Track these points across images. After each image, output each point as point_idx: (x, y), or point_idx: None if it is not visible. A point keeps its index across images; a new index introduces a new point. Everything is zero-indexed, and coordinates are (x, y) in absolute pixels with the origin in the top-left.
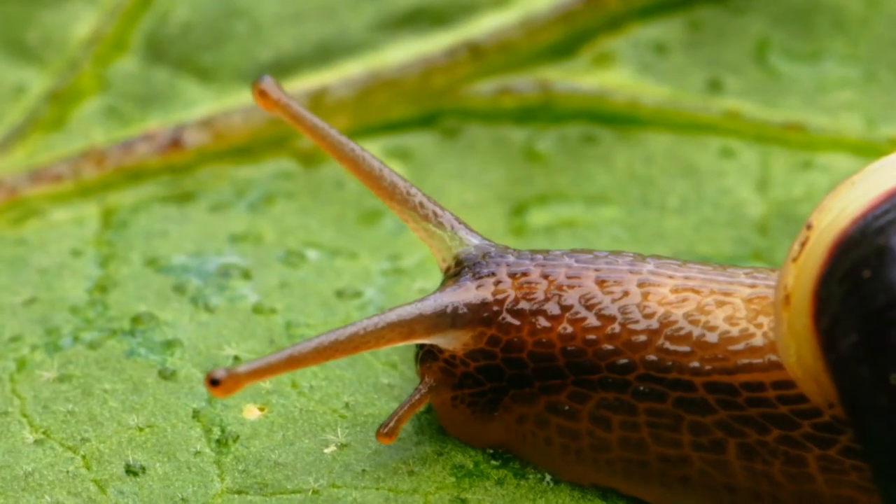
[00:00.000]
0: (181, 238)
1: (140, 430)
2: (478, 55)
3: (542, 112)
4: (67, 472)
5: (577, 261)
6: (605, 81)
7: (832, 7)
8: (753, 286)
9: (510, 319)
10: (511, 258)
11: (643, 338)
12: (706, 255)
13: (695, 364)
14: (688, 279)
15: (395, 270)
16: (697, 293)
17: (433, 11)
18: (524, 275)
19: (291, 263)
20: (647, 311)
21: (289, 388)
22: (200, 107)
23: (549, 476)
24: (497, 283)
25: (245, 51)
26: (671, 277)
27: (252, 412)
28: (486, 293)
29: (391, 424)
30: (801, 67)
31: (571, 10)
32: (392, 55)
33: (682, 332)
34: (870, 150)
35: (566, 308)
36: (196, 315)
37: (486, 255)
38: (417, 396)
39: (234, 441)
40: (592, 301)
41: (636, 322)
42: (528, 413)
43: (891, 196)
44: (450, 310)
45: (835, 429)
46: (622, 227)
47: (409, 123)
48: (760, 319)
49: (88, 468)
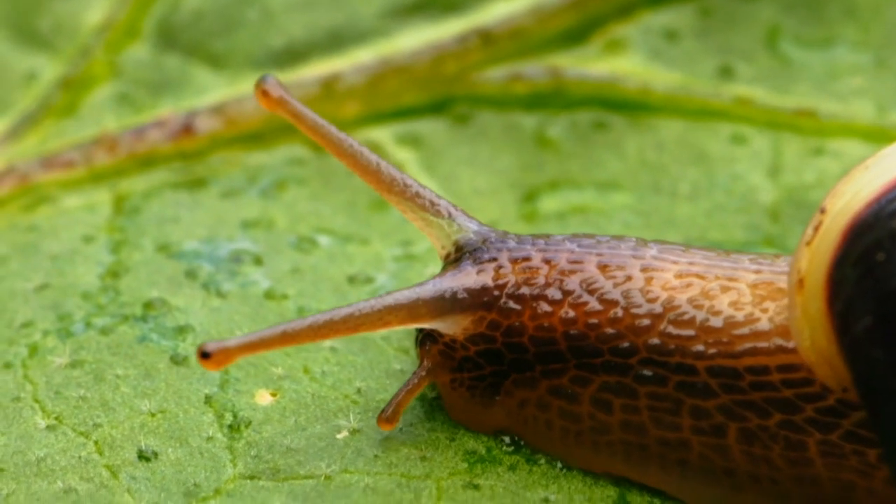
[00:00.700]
0: (193, 224)
1: (152, 416)
2: (489, 42)
3: (553, 98)
4: (79, 458)
5: (580, 245)
6: (616, 68)
7: None
8: (758, 272)
9: (511, 304)
10: (512, 243)
11: (646, 322)
12: (718, 242)
13: (699, 348)
14: (692, 265)
15: (407, 256)
16: (702, 278)
17: None
18: (525, 260)
19: (303, 249)
20: (651, 296)
21: (301, 374)
22: (212, 93)
23: (561, 462)
24: (498, 269)
25: (257, 38)
26: (675, 263)
27: (264, 397)
28: (487, 278)
29: (391, 410)
30: (812, 54)
31: None
32: (403, 42)
33: (686, 317)
34: (881, 136)
35: (568, 293)
36: (208, 301)
37: (487, 241)
38: (415, 380)
39: (247, 426)
40: (594, 286)
41: (639, 306)
42: (530, 397)
43: None
44: (448, 294)
45: (838, 413)
46: (633, 214)
47: (421, 110)
48: (766, 304)
49: (101, 453)
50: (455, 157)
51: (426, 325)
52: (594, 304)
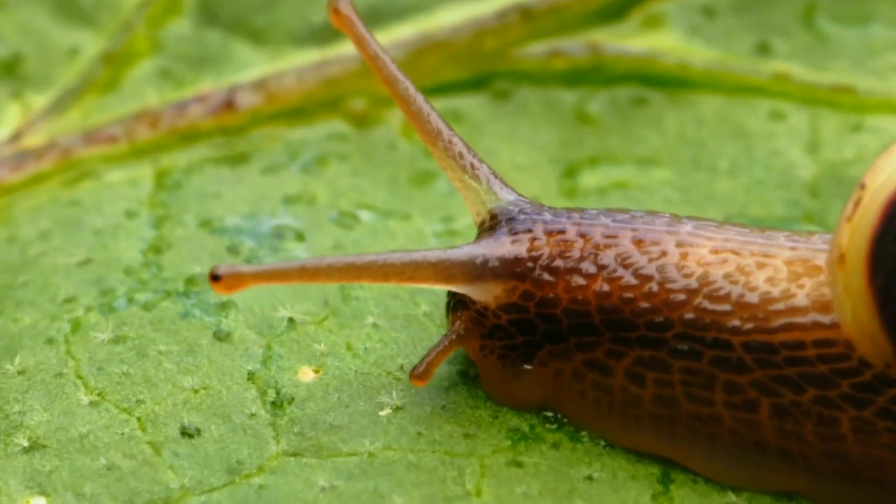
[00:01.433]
0: (235, 199)
1: (195, 392)
2: (529, 18)
3: (593, 74)
4: (122, 434)
5: (614, 220)
6: (655, 44)
7: None
8: (794, 248)
9: (545, 276)
10: (548, 216)
11: (681, 297)
12: (758, 218)
13: (734, 323)
14: (727, 241)
15: (449, 232)
16: (737, 254)
17: None
18: (560, 232)
19: (345, 225)
20: (686, 271)
21: (343, 351)
22: (253, 69)
23: (593, 433)
24: (533, 240)
25: (297, 13)
26: (710, 239)
27: (307, 374)
28: (522, 249)
29: (422, 367)
30: (849, 30)
31: None
32: (443, 18)
33: (722, 292)
34: None
35: (602, 267)
36: None
37: (522, 211)
38: (446, 342)
39: (290, 403)
40: (629, 260)
41: (674, 281)
42: (565, 368)
43: None
44: (480, 261)
45: (874, 388)
46: (674, 189)
47: (461, 86)
48: (803, 280)
49: (143, 430)
50: (495, 133)
51: (454, 288)
52: (629, 279)
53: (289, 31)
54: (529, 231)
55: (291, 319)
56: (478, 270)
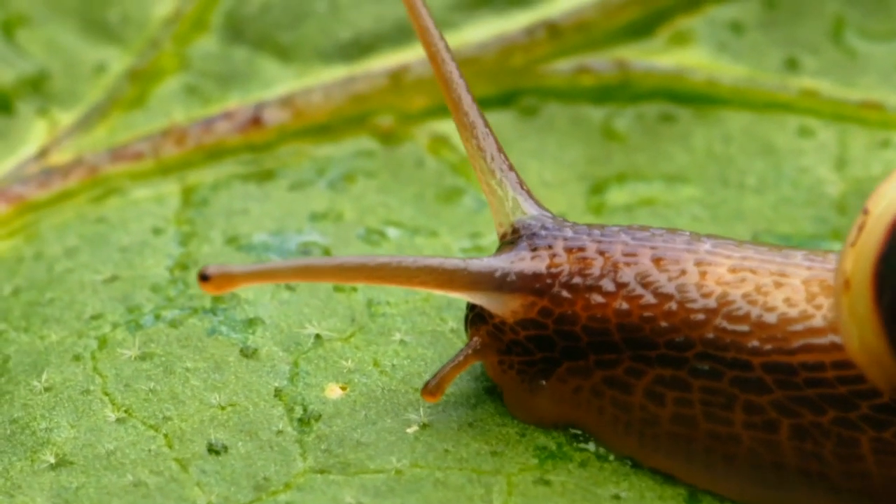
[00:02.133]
0: (262, 216)
1: (222, 409)
2: (556, 34)
3: (620, 91)
4: (149, 451)
5: (634, 238)
6: (683, 60)
7: None
8: (811, 268)
9: (564, 293)
10: (568, 232)
11: (701, 316)
12: (786, 235)
13: (754, 344)
14: (745, 259)
15: (476, 248)
16: (755, 273)
17: None
18: (580, 250)
19: (372, 241)
20: (705, 291)
21: (370, 367)
22: (280, 85)
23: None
24: (553, 256)
25: (324, 30)
26: (728, 257)
27: (334, 391)
28: (541, 265)
29: (434, 382)
30: (878, 46)
31: None
32: (471, 34)
33: (741, 312)
34: None
35: (622, 285)
36: (277, 293)
37: (544, 227)
38: (461, 357)
39: (317, 420)
40: (649, 279)
41: (693, 301)
42: (584, 385)
43: None
44: (498, 274)
45: (893, 411)
46: (701, 207)
47: (488, 102)
48: (819, 301)
49: (170, 447)
50: (522, 150)
51: (464, 297)
52: (649, 298)
53: (315, 48)
54: (550, 247)
55: (318, 336)
56: (497, 283)
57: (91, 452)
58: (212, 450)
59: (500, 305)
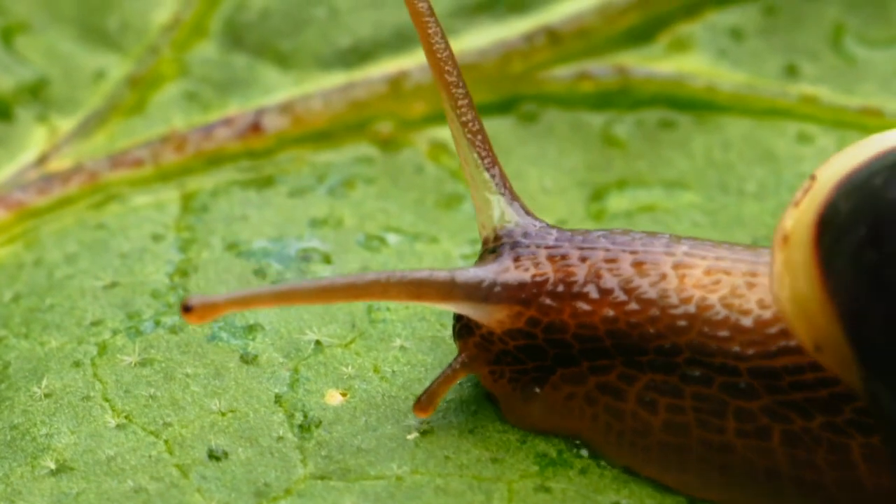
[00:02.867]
0: (261, 222)
1: (222, 415)
2: (555, 40)
3: (620, 97)
4: (150, 457)
5: (614, 243)
6: (683, 67)
7: None
8: None
9: (550, 302)
10: (551, 240)
11: (683, 322)
12: None
13: (736, 349)
14: (719, 260)
15: (476, 254)
16: (728, 274)
17: None
18: (563, 258)
19: (372, 248)
20: (684, 296)
21: (371, 373)
22: (280, 92)
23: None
24: (536, 265)
25: (323, 36)
26: (703, 258)
27: (334, 397)
28: (526, 275)
29: (425, 397)
30: (878, 53)
31: None
32: (470, 41)
33: (719, 317)
34: None
35: (606, 292)
36: None
37: (526, 234)
38: (450, 371)
39: (317, 426)
40: (631, 285)
41: (675, 307)
42: (578, 392)
43: None
44: (485, 284)
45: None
46: (701, 213)
47: (488, 108)
48: None
49: (171, 453)
50: (522, 156)
51: (452, 309)
52: (632, 305)
53: (315, 55)
54: (533, 256)
55: (318, 342)
56: (482, 294)
57: (91, 458)
58: (212, 456)
59: (487, 316)
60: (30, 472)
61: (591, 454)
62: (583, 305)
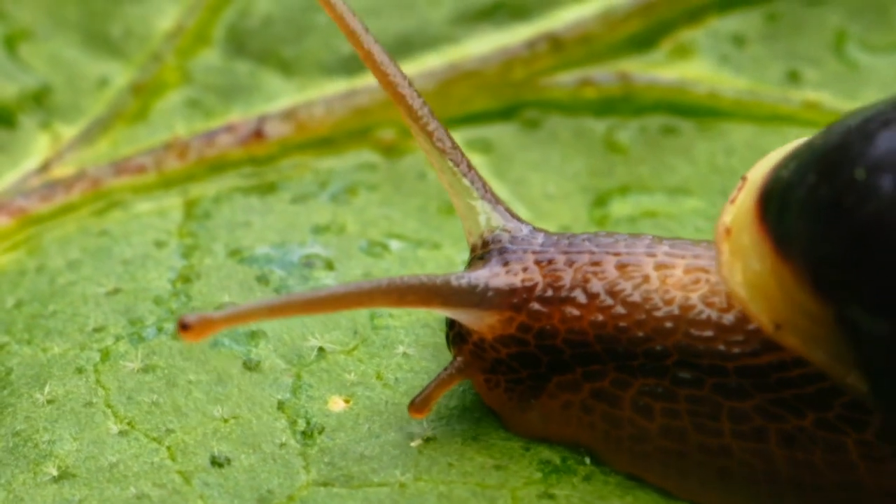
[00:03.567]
0: (264, 229)
1: (225, 422)
2: (558, 47)
3: (623, 103)
4: (152, 464)
5: (598, 246)
6: (685, 73)
7: None
8: None
9: (539, 307)
10: (537, 244)
11: (669, 324)
12: None
13: (721, 348)
14: (697, 258)
15: None
16: (706, 272)
17: (513, 4)
18: (550, 262)
19: (374, 254)
20: (667, 297)
21: (374, 380)
22: (282, 99)
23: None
24: (525, 270)
25: (326, 44)
26: (682, 258)
27: (337, 404)
28: (516, 279)
29: (420, 399)
30: (880, 58)
31: (651, 2)
32: (472, 47)
33: (703, 317)
34: None
35: (593, 296)
36: None
37: (513, 239)
38: (445, 375)
39: (320, 433)
40: (616, 288)
41: (659, 309)
42: (574, 400)
43: None
44: (479, 289)
45: (864, 408)
46: (704, 219)
47: (490, 115)
48: None
49: (173, 459)
50: (525, 162)
51: (448, 314)
52: (619, 308)
53: (317, 62)
54: (521, 261)
55: (321, 349)
56: (476, 298)
57: (94, 465)
58: (215, 462)
59: (478, 321)
60: (32, 479)
61: (595, 461)
62: (571, 310)
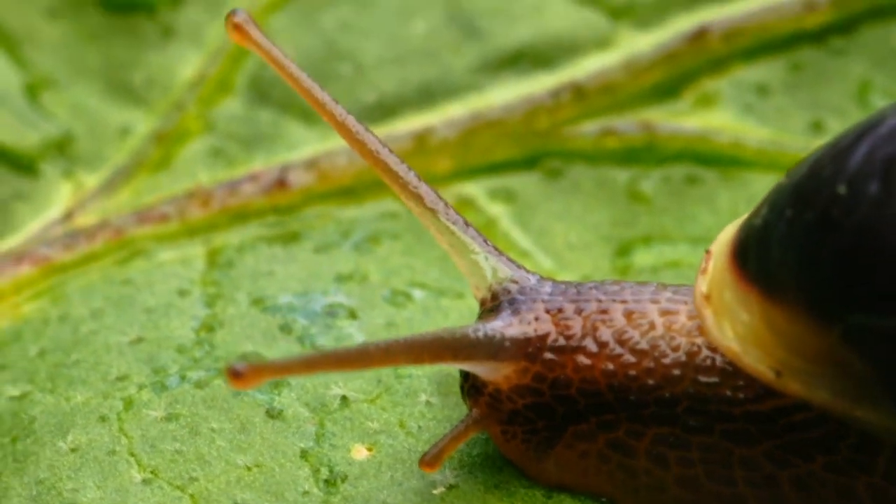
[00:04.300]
0: (287, 278)
1: (248, 470)
2: (581, 96)
3: (646, 153)
4: None
5: (605, 294)
6: (708, 122)
7: None
8: None
9: (552, 356)
10: (545, 294)
11: (677, 371)
12: None
13: (728, 393)
14: None
15: None
16: None
17: (536, 53)
18: (560, 311)
19: (397, 303)
20: (674, 344)
21: (397, 428)
22: (305, 148)
23: None
24: (536, 319)
25: (349, 92)
26: (685, 303)
27: (360, 452)
28: (529, 329)
29: (432, 454)
30: None
31: (675, 51)
32: (495, 96)
33: (708, 363)
34: None
35: (603, 344)
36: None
37: (522, 290)
38: (461, 427)
39: (343, 481)
40: (625, 336)
41: (666, 356)
42: (590, 450)
43: None
44: (496, 340)
45: (873, 449)
46: None
47: (513, 164)
48: None
49: None
50: (548, 212)
51: (468, 367)
52: (628, 357)
53: None
54: (532, 310)
55: (344, 397)
56: (493, 349)
57: None
58: None
59: (494, 372)
60: None
61: None
62: (583, 359)
